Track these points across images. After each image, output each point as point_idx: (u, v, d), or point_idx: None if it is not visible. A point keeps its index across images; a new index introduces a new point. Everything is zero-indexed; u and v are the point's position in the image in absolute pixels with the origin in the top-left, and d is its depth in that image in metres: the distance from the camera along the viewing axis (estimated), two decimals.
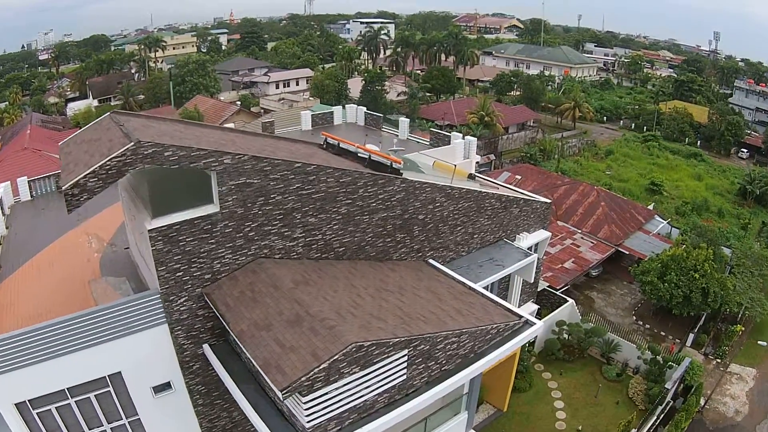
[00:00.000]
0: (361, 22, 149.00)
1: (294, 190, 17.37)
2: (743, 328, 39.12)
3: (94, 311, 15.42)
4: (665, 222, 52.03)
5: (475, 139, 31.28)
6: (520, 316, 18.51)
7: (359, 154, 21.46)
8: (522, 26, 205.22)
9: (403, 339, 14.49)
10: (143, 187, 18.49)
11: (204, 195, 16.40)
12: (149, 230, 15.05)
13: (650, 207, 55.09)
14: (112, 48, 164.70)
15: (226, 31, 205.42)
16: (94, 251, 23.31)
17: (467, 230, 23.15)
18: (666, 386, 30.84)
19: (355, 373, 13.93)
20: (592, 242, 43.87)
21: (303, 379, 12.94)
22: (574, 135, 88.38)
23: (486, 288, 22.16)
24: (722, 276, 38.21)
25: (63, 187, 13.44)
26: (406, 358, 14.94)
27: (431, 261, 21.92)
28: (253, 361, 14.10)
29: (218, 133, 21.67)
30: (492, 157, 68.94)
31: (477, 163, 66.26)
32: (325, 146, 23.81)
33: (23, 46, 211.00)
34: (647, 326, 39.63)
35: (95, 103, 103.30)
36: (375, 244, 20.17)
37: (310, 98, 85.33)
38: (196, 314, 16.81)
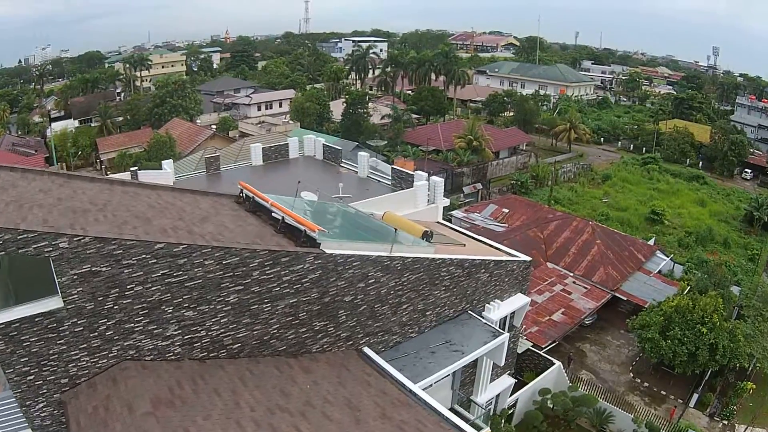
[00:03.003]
0: (353, 41, 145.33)
1: (159, 279, 13.50)
2: (754, 386, 34.37)
3: None
4: (668, 258, 47.29)
5: (442, 180, 26.58)
6: None
7: (273, 214, 16.95)
8: (518, 44, 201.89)
9: None
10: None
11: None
12: None
13: (651, 242, 50.28)
14: (106, 65, 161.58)
15: (219, 49, 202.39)
16: None
17: (417, 307, 18.44)
18: None
19: None
20: (585, 287, 39.02)
21: None
22: (570, 158, 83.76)
23: (441, 380, 17.43)
24: (731, 324, 33.65)
25: None
26: None
27: (366, 350, 17.19)
28: None
29: (95, 192, 17.71)
30: (479, 186, 64.20)
31: (462, 192, 62.40)
32: (242, 199, 19.33)
33: (20, 61, 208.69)
34: (646, 384, 34.94)
35: (76, 123, 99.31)
36: (284, 337, 15.56)
37: (290, 121, 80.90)
38: (60, 421, 13.67)
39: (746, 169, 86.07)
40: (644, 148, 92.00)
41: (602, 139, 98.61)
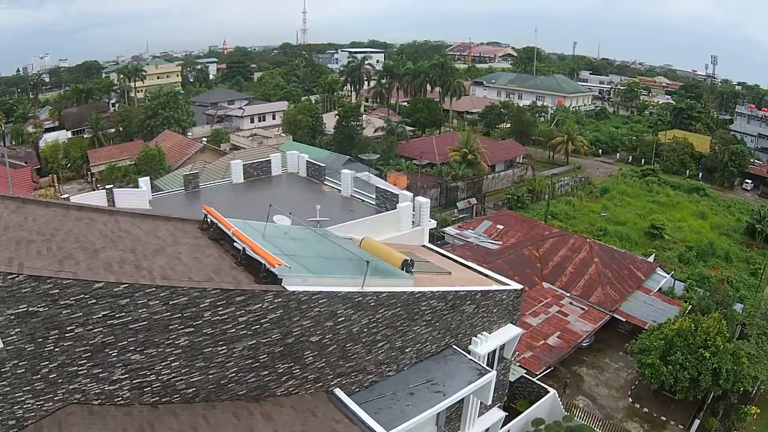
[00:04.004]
0: (349, 52, 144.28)
1: (100, 320, 12.31)
2: (758, 411, 32.79)
3: None
4: (668, 276, 45.72)
5: (428, 200, 25.11)
6: None
7: (235, 244, 15.52)
8: (516, 55, 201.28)
9: None
10: None
11: None
12: None
13: (651, 258, 48.71)
14: (104, 75, 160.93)
15: (216, 60, 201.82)
16: None
17: (394, 345, 16.89)
18: None
19: None
20: (582, 308, 37.44)
21: None
22: (567, 171, 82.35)
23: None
24: (734, 345, 32.21)
25: None
26: None
27: (337, 392, 15.65)
28: None
29: (47, 219, 16.46)
30: (473, 200, 62.62)
31: (456, 208, 60.89)
32: (206, 225, 17.88)
33: (18, 70, 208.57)
34: (645, 410, 33.40)
35: (69, 134, 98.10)
36: (243, 381, 14.13)
37: (282, 134, 79.51)
38: None
39: (747, 180, 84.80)
40: (643, 160, 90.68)
41: (600, 150, 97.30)
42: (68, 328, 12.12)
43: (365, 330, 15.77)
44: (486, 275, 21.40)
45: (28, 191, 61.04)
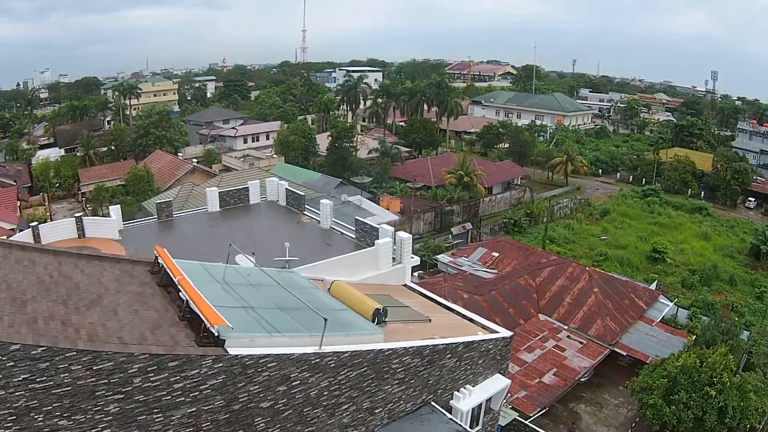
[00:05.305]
0: (346, 71, 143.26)
1: (21, 384, 11.02)
2: None
3: None
4: (671, 303, 43.75)
5: (410, 235, 23.33)
6: None
7: (180, 294, 13.78)
8: (515, 73, 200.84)
9: None
10: None
11: None
12: None
13: (653, 285, 46.75)
14: (102, 91, 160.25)
15: (214, 78, 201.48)
16: None
17: (361, 406, 15.00)
18: None
19: None
20: (580, 342, 35.42)
21: None
22: (567, 192, 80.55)
23: None
24: (741, 379, 30.30)
25: None
26: None
27: None
28: None
29: None
30: (469, 225, 60.69)
31: (451, 233, 59.01)
32: (157, 268, 16.17)
33: (18, 84, 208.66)
34: None
35: (62, 152, 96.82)
36: None
37: (275, 155, 77.97)
38: None
39: (750, 198, 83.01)
40: (644, 179, 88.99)
41: (600, 170, 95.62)
42: None
43: (325, 393, 13.93)
44: (471, 320, 19.56)
45: (12, 212, 59.61)
